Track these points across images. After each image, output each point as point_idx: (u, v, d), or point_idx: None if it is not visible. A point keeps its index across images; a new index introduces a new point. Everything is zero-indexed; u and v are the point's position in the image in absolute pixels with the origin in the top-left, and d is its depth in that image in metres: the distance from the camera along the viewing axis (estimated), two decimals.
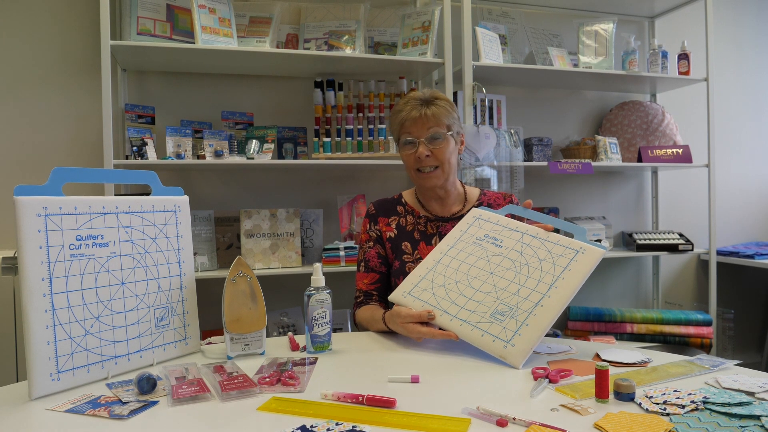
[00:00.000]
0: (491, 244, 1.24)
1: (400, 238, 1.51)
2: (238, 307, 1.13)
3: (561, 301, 1.06)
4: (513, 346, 1.03)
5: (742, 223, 3.11)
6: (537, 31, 2.67)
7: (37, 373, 0.90)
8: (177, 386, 0.92)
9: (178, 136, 2.08)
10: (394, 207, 1.55)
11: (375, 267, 1.53)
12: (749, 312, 3.09)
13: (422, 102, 1.42)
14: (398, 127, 1.45)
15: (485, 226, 1.29)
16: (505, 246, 1.22)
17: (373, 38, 2.42)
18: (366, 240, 1.55)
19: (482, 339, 1.07)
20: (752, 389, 0.86)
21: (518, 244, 1.21)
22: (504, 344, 1.04)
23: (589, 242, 1.16)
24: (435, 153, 1.41)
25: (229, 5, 2.10)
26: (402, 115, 1.42)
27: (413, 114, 1.40)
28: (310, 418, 0.80)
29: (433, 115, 1.40)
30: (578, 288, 1.08)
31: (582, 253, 1.13)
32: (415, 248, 1.49)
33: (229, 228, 2.26)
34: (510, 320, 1.07)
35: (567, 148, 2.67)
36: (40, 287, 0.91)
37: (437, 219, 1.51)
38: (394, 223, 1.53)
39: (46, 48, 2.16)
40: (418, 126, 1.41)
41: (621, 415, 0.78)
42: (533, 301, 1.08)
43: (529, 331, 1.04)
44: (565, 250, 1.15)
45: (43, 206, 0.93)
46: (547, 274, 1.12)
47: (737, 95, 3.08)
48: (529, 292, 1.10)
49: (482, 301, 1.13)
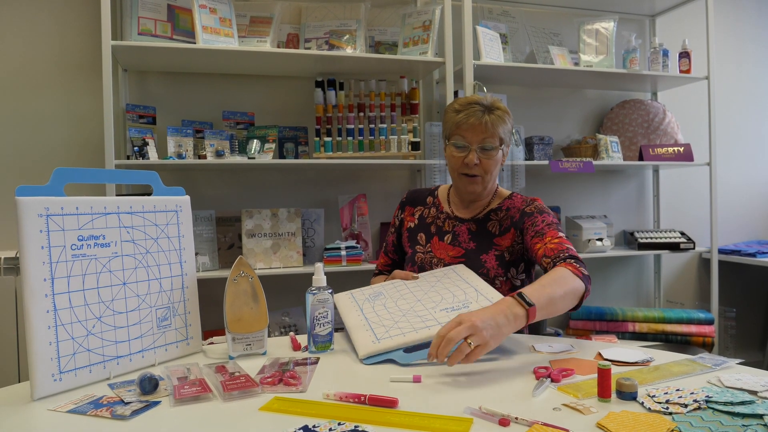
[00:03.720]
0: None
1: (418, 228, 1.56)
2: (239, 307, 1.13)
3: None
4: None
5: (743, 222, 3.11)
6: (538, 29, 2.66)
7: (39, 373, 0.90)
8: (179, 386, 0.92)
9: (179, 136, 2.08)
10: (425, 198, 1.60)
11: (389, 252, 1.65)
12: (751, 310, 3.09)
13: (483, 109, 1.39)
14: (452, 127, 1.42)
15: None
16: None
17: (374, 38, 2.42)
18: (392, 224, 1.65)
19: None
20: (755, 388, 0.86)
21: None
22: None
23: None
24: (483, 163, 1.40)
25: (230, 5, 2.10)
26: (460, 116, 1.39)
27: (472, 120, 1.38)
28: (312, 418, 0.80)
29: (492, 124, 1.38)
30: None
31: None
32: (429, 241, 1.52)
33: (231, 228, 2.26)
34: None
35: (568, 146, 2.67)
36: (42, 288, 0.91)
37: (456, 219, 1.52)
38: (418, 214, 1.58)
39: (47, 48, 2.16)
40: (474, 132, 1.39)
41: (623, 414, 0.78)
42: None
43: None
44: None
45: (44, 206, 0.93)
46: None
47: (738, 93, 3.08)
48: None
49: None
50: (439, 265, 1.48)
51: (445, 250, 1.49)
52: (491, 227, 1.48)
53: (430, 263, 1.49)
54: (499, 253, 1.44)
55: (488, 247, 1.45)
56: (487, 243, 1.46)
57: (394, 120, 2.32)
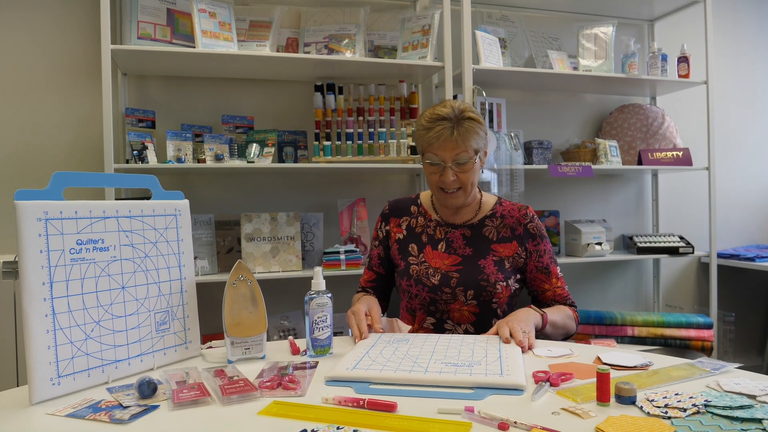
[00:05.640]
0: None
1: (408, 239, 1.52)
2: (238, 311, 1.13)
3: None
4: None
5: (742, 226, 3.11)
6: (537, 34, 2.67)
7: (38, 377, 0.90)
8: (177, 390, 0.92)
9: (178, 140, 2.08)
10: (408, 208, 1.56)
11: (374, 266, 1.57)
12: (750, 315, 3.09)
13: (451, 124, 1.35)
14: (424, 145, 1.40)
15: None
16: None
17: (373, 42, 2.43)
18: (374, 238, 1.59)
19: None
20: (753, 392, 0.86)
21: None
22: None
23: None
24: (460, 177, 1.38)
25: (230, 9, 2.10)
26: (430, 135, 1.37)
27: (442, 137, 1.35)
28: (311, 422, 0.80)
29: (462, 138, 1.35)
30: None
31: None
32: (421, 251, 1.49)
33: (230, 232, 2.26)
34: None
35: (567, 151, 2.68)
36: (41, 291, 0.91)
37: (447, 225, 1.50)
38: (405, 224, 1.54)
39: (46, 52, 2.17)
40: (445, 149, 1.36)
41: (622, 418, 0.78)
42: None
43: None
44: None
45: (43, 210, 0.93)
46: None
47: (737, 98, 3.09)
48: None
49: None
50: (436, 275, 1.43)
51: (441, 258, 1.46)
52: (487, 233, 1.47)
53: (426, 274, 1.44)
54: (497, 258, 1.44)
55: (486, 252, 1.45)
56: (484, 248, 1.46)
57: (393, 124, 2.32)
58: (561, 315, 1.41)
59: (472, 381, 0.94)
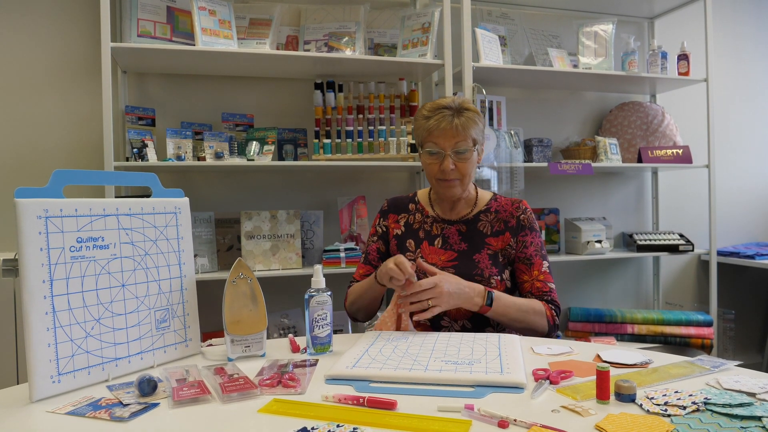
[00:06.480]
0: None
1: (406, 235, 1.54)
2: (238, 309, 1.13)
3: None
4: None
5: (742, 224, 3.11)
6: (537, 32, 2.67)
7: (38, 375, 0.90)
8: (177, 388, 0.92)
9: (178, 138, 2.08)
10: (406, 205, 1.58)
11: (372, 261, 1.58)
12: (750, 312, 3.09)
13: (452, 113, 1.39)
14: (424, 134, 1.42)
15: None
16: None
17: (373, 40, 2.43)
18: (372, 234, 1.60)
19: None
20: (753, 390, 0.86)
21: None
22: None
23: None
24: (459, 166, 1.40)
25: (229, 7, 2.10)
26: (430, 123, 1.39)
27: (442, 125, 1.38)
28: (310, 419, 0.80)
29: (462, 127, 1.37)
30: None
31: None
32: (418, 247, 1.50)
33: (230, 229, 2.26)
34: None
35: (567, 148, 2.67)
36: (41, 289, 0.91)
37: (443, 221, 1.51)
38: (403, 221, 1.56)
39: (46, 50, 2.16)
40: (445, 137, 1.38)
41: (622, 416, 0.78)
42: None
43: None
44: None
45: (43, 208, 0.93)
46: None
47: (737, 95, 3.08)
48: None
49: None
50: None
51: (437, 254, 1.47)
52: (482, 227, 1.48)
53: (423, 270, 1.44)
54: (492, 252, 1.45)
55: (480, 246, 1.46)
56: (479, 242, 1.47)
57: (393, 122, 2.32)
58: (523, 306, 1.34)
59: (472, 379, 0.94)
